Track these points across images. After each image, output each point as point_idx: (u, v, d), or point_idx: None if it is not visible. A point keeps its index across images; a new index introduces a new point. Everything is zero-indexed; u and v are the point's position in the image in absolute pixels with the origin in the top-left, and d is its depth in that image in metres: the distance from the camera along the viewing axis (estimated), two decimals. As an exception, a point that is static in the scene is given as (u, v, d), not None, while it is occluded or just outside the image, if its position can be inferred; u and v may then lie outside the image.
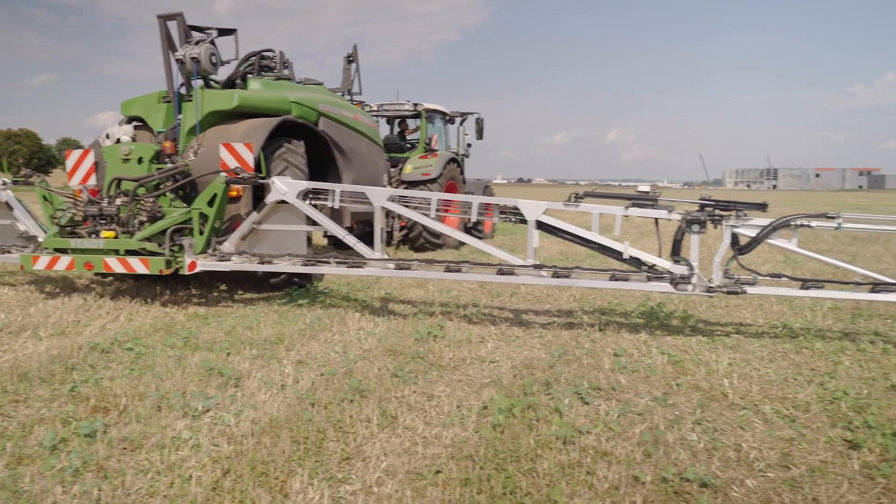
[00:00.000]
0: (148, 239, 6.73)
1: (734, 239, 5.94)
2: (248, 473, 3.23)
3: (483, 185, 15.43)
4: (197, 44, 7.72)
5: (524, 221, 6.33)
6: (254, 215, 6.88)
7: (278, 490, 3.10)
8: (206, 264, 6.76)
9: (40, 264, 6.93)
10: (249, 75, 8.47)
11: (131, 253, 6.71)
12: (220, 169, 6.93)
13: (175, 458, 3.39)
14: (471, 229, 13.22)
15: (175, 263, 6.74)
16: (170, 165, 7.28)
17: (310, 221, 6.88)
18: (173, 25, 7.80)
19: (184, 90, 7.90)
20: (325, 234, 11.26)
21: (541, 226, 6.32)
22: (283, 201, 6.75)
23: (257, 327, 6.13)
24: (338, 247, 11.76)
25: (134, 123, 8.17)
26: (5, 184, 7.97)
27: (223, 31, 8.19)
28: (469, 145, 15.31)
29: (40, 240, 7.41)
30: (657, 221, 6.20)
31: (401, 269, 6.49)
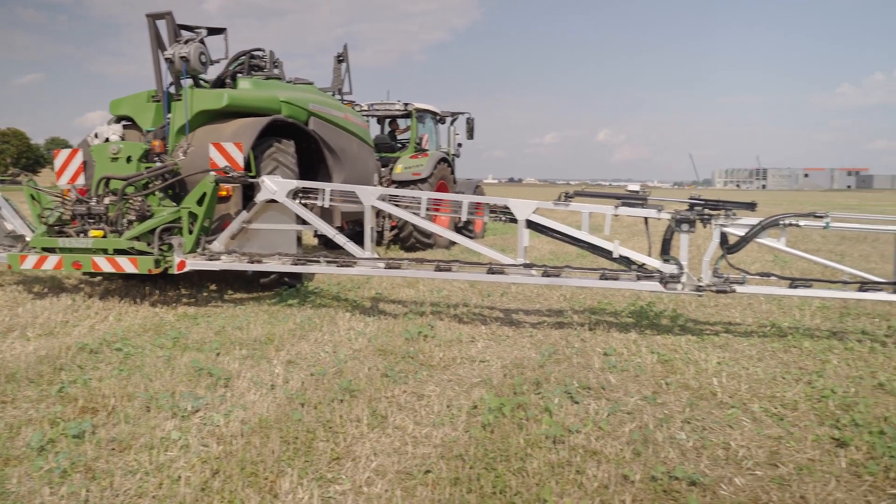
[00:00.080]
0: (137, 238, 6.71)
1: (723, 238, 5.96)
2: (237, 474, 3.22)
3: (474, 184, 15.45)
4: (186, 43, 7.69)
5: (514, 221, 6.34)
6: (243, 214, 6.86)
7: (267, 490, 3.10)
8: (195, 264, 6.74)
9: (28, 263, 6.90)
10: (239, 75, 8.45)
11: (120, 252, 6.68)
12: (209, 168, 6.90)
13: (164, 459, 3.38)
14: (461, 229, 13.23)
15: (164, 263, 6.71)
16: (158, 164, 7.25)
17: (300, 221, 6.87)
18: (162, 24, 7.77)
19: (173, 89, 7.87)
20: (316, 233, 11.24)
21: (531, 225, 6.33)
22: (273, 200, 6.74)
23: (247, 327, 6.11)
24: (328, 246, 11.76)
25: (123, 123, 8.14)
26: None
27: (213, 31, 8.17)
28: (460, 145, 15.33)
29: (28, 239, 7.37)
30: (647, 221, 6.22)
31: (391, 269, 6.48)
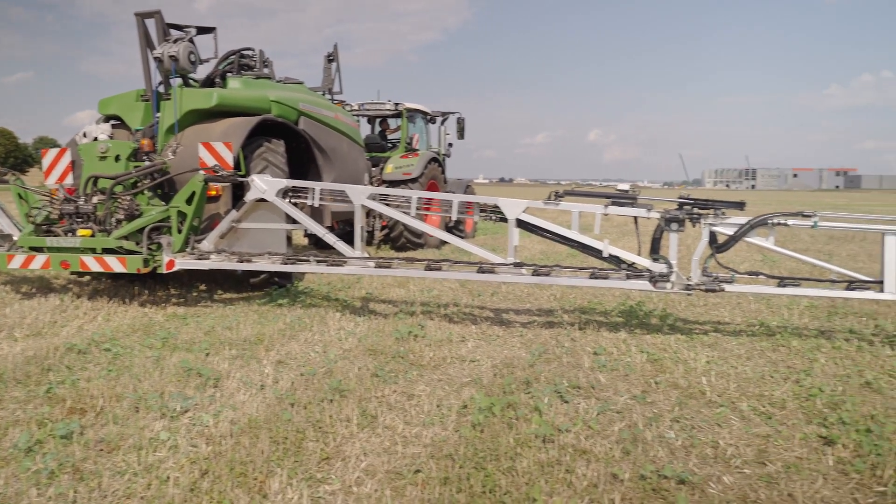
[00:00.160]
0: (125, 237, 6.67)
1: (712, 237, 5.99)
2: (226, 474, 3.21)
3: (464, 184, 15.46)
4: (175, 42, 7.66)
5: (504, 220, 6.35)
6: (233, 213, 6.84)
7: (257, 490, 3.09)
8: (184, 263, 6.71)
9: (15, 263, 6.85)
10: (229, 74, 8.41)
11: (108, 251, 6.64)
12: (198, 167, 6.87)
13: (152, 460, 3.36)
14: (452, 229, 13.24)
15: (153, 262, 6.68)
16: (147, 163, 7.22)
17: (290, 220, 6.85)
18: (151, 23, 7.73)
19: (162, 89, 7.84)
20: (306, 233, 11.22)
21: (521, 224, 6.34)
22: (263, 199, 6.72)
23: (237, 327, 6.09)
24: (318, 246, 11.73)
25: (112, 122, 8.10)
26: None
27: (202, 30, 8.14)
28: (450, 145, 15.34)
29: (15, 238, 7.30)
30: (636, 220, 6.24)
31: (381, 268, 6.48)
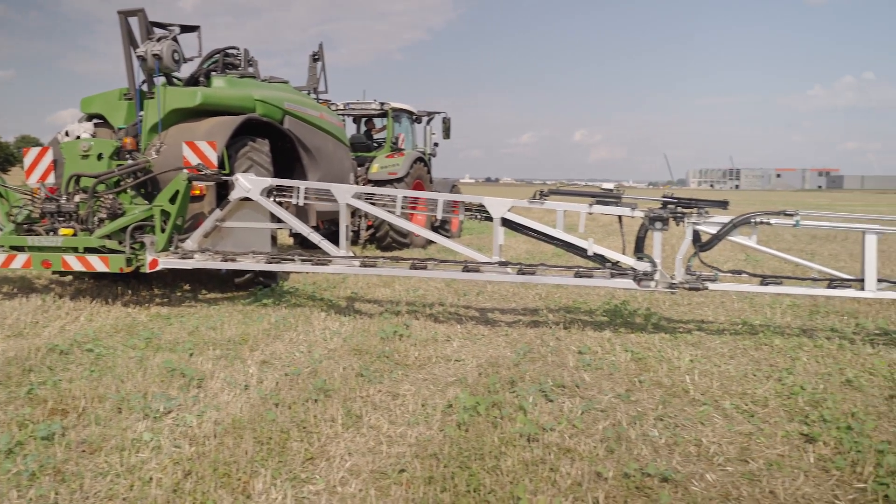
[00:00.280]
0: (108, 236, 6.62)
1: (696, 236, 6.03)
2: (209, 475, 3.19)
3: (450, 184, 15.47)
4: (159, 40, 7.60)
5: (490, 219, 6.36)
6: (217, 212, 6.80)
7: (240, 491, 3.08)
8: (167, 262, 6.67)
9: (-4, 263, 6.78)
10: (213, 73, 8.36)
11: (90, 251, 6.59)
12: (182, 166, 6.83)
13: (135, 461, 3.34)
14: (438, 228, 13.23)
15: (136, 261, 6.63)
16: (130, 162, 7.16)
17: (274, 219, 6.83)
18: (135, 21, 7.67)
19: (145, 87, 7.78)
20: (291, 232, 11.18)
21: (506, 223, 6.35)
22: (248, 198, 6.69)
23: (221, 327, 6.06)
24: (304, 246, 11.68)
25: (94, 121, 8.03)
26: None
27: (186, 28, 8.08)
28: (436, 144, 15.34)
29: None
30: (621, 219, 6.27)
31: (366, 267, 6.47)
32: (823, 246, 14.09)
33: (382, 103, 13.80)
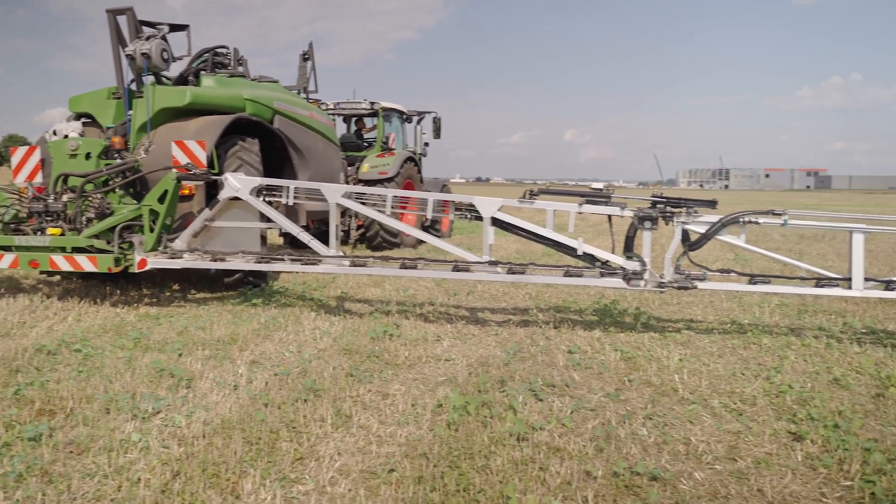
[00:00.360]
0: (96, 236, 6.58)
1: (685, 235, 6.05)
2: (198, 475, 3.18)
3: (441, 184, 15.47)
4: (148, 39, 7.57)
5: (480, 218, 6.37)
6: (206, 212, 6.78)
7: (229, 491, 3.07)
8: (156, 262, 6.63)
9: (-17, 263, 6.73)
10: (202, 72, 8.33)
11: (78, 250, 6.56)
12: (171, 165, 6.80)
13: (123, 461, 3.32)
14: (428, 228, 13.23)
15: (124, 261, 6.60)
16: (119, 161, 7.12)
17: (264, 219, 6.81)
18: (123, 20, 7.64)
19: (134, 86, 7.74)
20: (281, 232, 11.15)
21: (496, 222, 6.36)
22: (237, 198, 6.67)
23: (210, 327, 6.04)
24: (294, 245, 11.66)
25: (83, 120, 7.99)
26: None
27: (175, 27, 8.05)
28: (426, 144, 15.34)
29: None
30: (610, 218, 6.29)
31: (356, 267, 6.46)
32: (811, 245, 14.18)
33: (373, 103, 13.79)
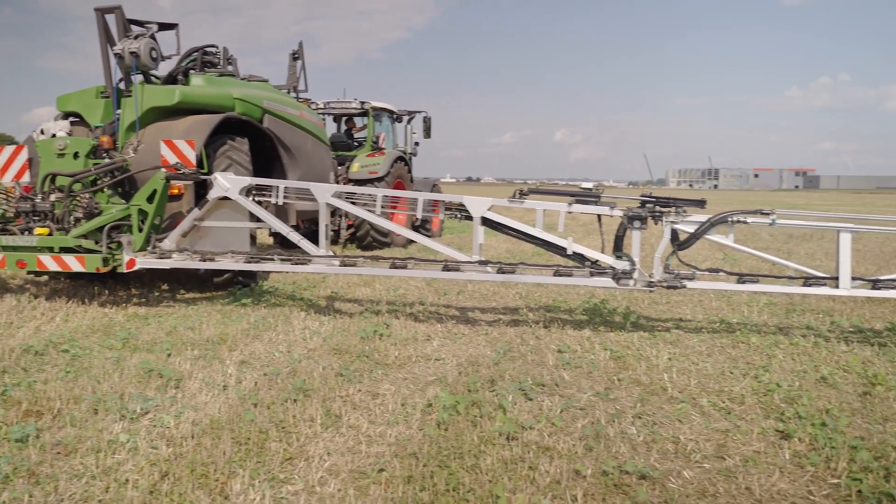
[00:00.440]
0: (84, 236, 6.55)
1: (674, 235, 6.07)
2: (187, 476, 3.16)
3: (431, 183, 15.48)
4: (136, 38, 7.53)
5: (470, 218, 6.37)
6: (195, 212, 6.75)
7: (218, 492, 3.05)
8: (145, 262, 6.60)
9: (-31, 263, 6.67)
10: (192, 71, 8.29)
11: (66, 250, 6.52)
12: (160, 165, 6.76)
13: (111, 462, 3.30)
14: (419, 228, 13.22)
15: (113, 261, 6.56)
16: (107, 161, 7.08)
17: (253, 218, 6.79)
18: (112, 19, 7.59)
19: (123, 85, 7.70)
20: (271, 232, 11.12)
21: (486, 222, 6.36)
22: (226, 198, 6.65)
23: (199, 327, 6.02)
24: (284, 245, 11.63)
25: (71, 119, 7.93)
26: None
27: (164, 26, 8.02)
28: (417, 144, 15.35)
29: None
30: (600, 218, 6.30)
31: (346, 266, 6.45)
32: (800, 245, 14.27)
33: (363, 102, 13.77)
